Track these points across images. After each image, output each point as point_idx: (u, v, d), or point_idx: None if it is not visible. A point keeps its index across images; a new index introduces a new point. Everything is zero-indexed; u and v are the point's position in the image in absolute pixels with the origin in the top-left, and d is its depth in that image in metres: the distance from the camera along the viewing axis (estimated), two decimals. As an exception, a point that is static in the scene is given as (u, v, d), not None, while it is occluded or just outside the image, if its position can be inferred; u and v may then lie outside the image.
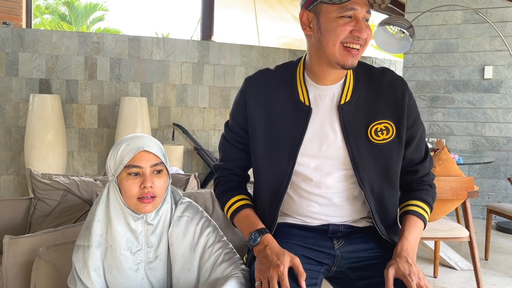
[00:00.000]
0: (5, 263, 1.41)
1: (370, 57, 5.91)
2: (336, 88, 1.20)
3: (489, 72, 4.40)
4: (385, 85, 1.21)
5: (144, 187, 1.14)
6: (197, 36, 5.94)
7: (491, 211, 3.17)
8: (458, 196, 2.39)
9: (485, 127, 4.46)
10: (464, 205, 2.54)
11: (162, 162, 1.19)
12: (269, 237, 1.16)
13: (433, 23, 4.60)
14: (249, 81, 1.26)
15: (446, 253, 3.03)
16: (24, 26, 5.98)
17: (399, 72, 5.96)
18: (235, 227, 1.28)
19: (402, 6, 5.19)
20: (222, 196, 1.30)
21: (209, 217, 1.27)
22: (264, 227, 1.20)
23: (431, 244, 2.99)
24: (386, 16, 4.02)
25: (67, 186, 2.14)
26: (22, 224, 2.11)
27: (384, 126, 1.18)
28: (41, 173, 2.19)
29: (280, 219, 1.26)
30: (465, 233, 2.44)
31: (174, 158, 4.66)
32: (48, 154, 4.21)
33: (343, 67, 1.14)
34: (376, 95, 1.20)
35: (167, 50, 4.78)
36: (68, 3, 12.99)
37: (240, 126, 1.27)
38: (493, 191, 4.48)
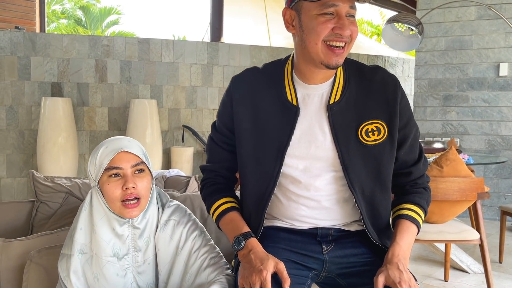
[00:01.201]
0: (-2, 267, 1.41)
1: (382, 56, 5.82)
2: (325, 87, 1.16)
3: (504, 69, 4.28)
4: (376, 84, 1.17)
5: (126, 188, 1.12)
6: (209, 38, 5.94)
7: (505, 213, 3.08)
8: (468, 197, 2.31)
9: (501, 126, 4.34)
10: (474, 206, 2.46)
11: (143, 162, 1.17)
12: (254, 241, 1.12)
13: (445, 20, 4.50)
14: (235, 80, 1.23)
15: (458, 256, 2.94)
16: (38, 30, 6.08)
17: (411, 71, 5.85)
18: (221, 230, 1.25)
19: (413, 3, 5.10)
20: (208, 199, 1.27)
21: (197, 220, 1.25)
22: (250, 230, 1.17)
23: (442, 246, 2.91)
24: (396, 13, 3.94)
25: (69, 188, 2.15)
26: (25, 227, 2.12)
27: (375, 127, 1.14)
28: (44, 176, 2.20)
29: (268, 222, 1.23)
30: (476, 235, 2.37)
31: (184, 160, 4.66)
32: (59, 156, 4.26)
33: (328, 67, 1.10)
34: (367, 95, 1.16)
35: (177, 52, 4.79)
36: (84, 7, 13.19)
37: (226, 126, 1.24)
38: (510, 192, 4.35)
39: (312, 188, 1.16)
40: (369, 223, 1.17)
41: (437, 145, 3.37)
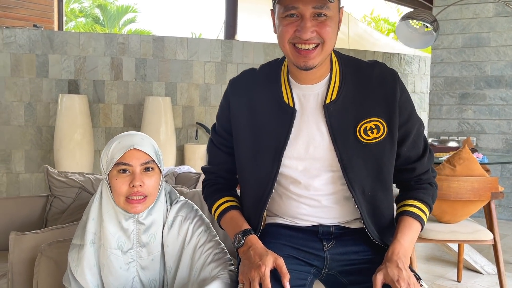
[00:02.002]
0: (10, 259, 1.45)
1: (398, 53, 5.75)
2: (320, 87, 1.15)
3: (523, 67, 4.19)
4: (374, 80, 1.14)
5: (133, 185, 1.14)
6: (223, 35, 5.96)
7: (521, 213, 3.02)
8: (481, 197, 2.28)
9: (519, 125, 4.25)
10: (488, 206, 2.42)
11: (153, 160, 1.18)
12: (253, 238, 1.13)
13: (463, 17, 4.42)
14: (233, 83, 1.23)
15: (472, 256, 2.90)
16: (56, 29, 6.19)
17: (428, 69, 5.77)
18: (223, 229, 1.26)
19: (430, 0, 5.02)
20: (209, 198, 1.28)
21: (203, 216, 1.26)
22: (249, 228, 1.17)
23: (455, 247, 2.88)
24: (411, 10, 3.89)
25: (81, 184, 2.19)
26: (39, 221, 2.17)
27: (374, 125, 1.12)
28: (58, 171, 2.25)
29: (269, 220, 1.24)
30: (489, 236, 2.33)
31: (198, 157, 4.69)
32: (76, 152, 4.34)
33: (298, 68, 1.09)
34: (365, 92, 1.14)
35: (191, 50, 4.82)
36: (101, 6, 13.37)
37: (225, 129, 1.24)
38: (528, 192, 4.26)
39: (312, 188, 1.16)
40: (369, 222, 1.16)
41: (452, 144, 3.32)
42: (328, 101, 1.13)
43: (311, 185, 1.15)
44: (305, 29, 1.04)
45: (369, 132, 1.12)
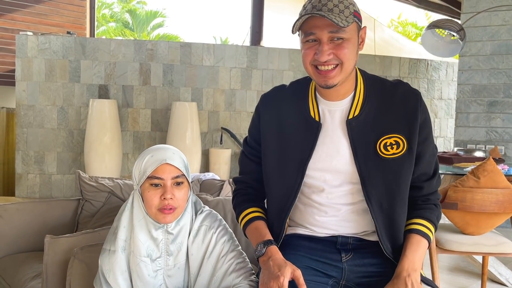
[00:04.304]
0: (45, 261, 1.53)
1: (425, 59, 5.69)
2: (345, 103, 1.21)
3: (554, 75, 4.09)
4: (396, 98, 1.20)
5: (164, 198, 1.20)
6: (249, 41, 6.03)
7: (549, 226, 2.95)
8: (506, 210, 2.25)
9: (550, 134, 4.15)
10: (513, 219, 2.39)
11: (183, 175, 1.24)
12: (274, 249, 1.18)
13: (492, 24, 4.35)
14: (264, 97, 1.32)
15: (497, 268, 2.86)
16: (88, 35, 6.40)
17: (456, 75, 5.68)
18: (247, 237, 1.31)
19: (458, 5, 4.96)
20: (237, 208, 1.34)
21: (227, 226, 1.32)
22: (271, 239, 1.22)
23: (480, 258, 2.84)
24: (440, 16, 3.86)
25: (111, 188, 2.28)
26: (71, 223, 2.27)
27: (394, 141, 1.17)
28: (89, 176, 2.34)
29: (290, 230, 1.29)
30: (514, 248, 2.30)
31: (222, 161, 4.77)
32: (105, 155, 4.48)
33: (321, 86, 1.17)
34: (387, 109, 1.19)
35: (217, 56, 4.90)
36: (131, 11, 13.71)
37: (255, 140, 1.31)
38: (559, 203, 4.15)
39: (333, 198, 1.21)
40: (384, 236, 1.19)
41: (478, 154, 3.27)
42: (351, 116, 1.20)
43: (332, 195, 1.21)
44: (322, 52, 1.12)
45: (389, 148, 1.17)
